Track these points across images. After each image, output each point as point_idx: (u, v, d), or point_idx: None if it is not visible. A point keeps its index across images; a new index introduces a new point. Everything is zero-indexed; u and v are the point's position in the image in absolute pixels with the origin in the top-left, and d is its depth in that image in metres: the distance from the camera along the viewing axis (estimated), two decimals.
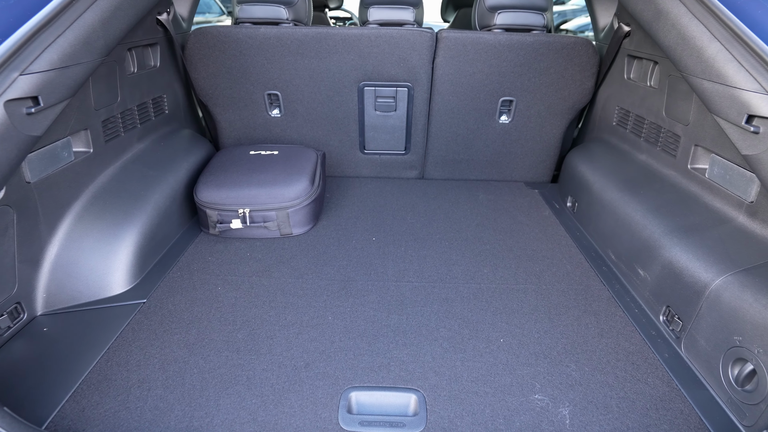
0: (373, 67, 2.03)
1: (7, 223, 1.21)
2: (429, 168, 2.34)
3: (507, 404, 1.11)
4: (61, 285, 1.39)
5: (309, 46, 1.97)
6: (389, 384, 1.16)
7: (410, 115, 2.17)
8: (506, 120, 2.18)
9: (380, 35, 1.96)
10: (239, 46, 1.96)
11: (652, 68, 1.73)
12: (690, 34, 1.22)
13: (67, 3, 1.10)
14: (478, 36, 1.96)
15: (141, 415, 1.06)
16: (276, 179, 1.78)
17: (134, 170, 1.70)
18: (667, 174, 1.62)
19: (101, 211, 1.51)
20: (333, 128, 2.20)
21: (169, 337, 1.29)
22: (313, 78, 2.05)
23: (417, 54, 1.99)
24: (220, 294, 1.47)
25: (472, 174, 2.34)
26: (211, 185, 1.76)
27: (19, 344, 1.25)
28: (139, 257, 1.54)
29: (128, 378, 1.16)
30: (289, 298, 1.46)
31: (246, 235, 1.78)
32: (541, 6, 2.01)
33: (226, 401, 1.10)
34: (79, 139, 1.49)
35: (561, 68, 2.01)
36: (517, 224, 1.92)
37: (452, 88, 2.08)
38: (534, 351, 1.27)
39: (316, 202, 1.86)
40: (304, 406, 1.09)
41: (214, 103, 2.13)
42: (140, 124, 1.80)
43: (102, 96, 1.54)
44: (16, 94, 0.99)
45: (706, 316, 1.18)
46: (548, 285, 1.54)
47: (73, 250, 1.42)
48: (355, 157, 2.31)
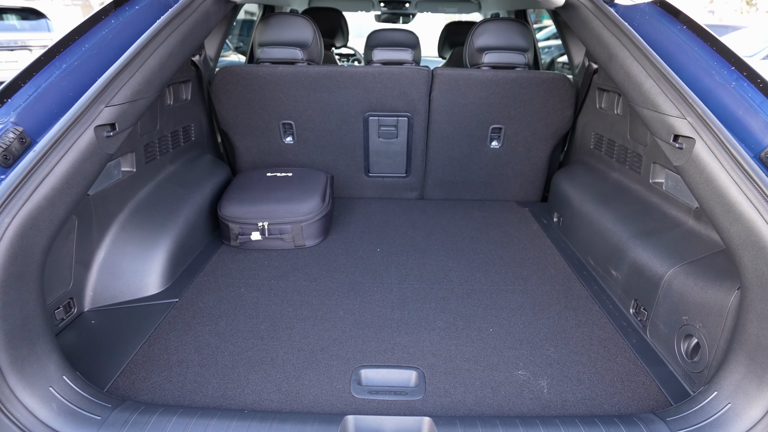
0: (377, 99, 2.29)
1: (70, 228, 1.43)
2: (428, 189, 2.57)
3: (494, 378, 1.29)
4: (106, 284, 1.59)
5: (320, 81, 2.24)
6: (393, 363, 1.35)
7: (410, 142, 2.42)
8: (497, 145, 2.42)
9: (383, 72, 2.23)
10: (259, 82, 2.23)
11: (617, 99, 1.98)
12: (632, 72, 1.47)
13: (137, 52, 1.37)
14: (469, 72, 2.23)
15: (183, 386, 1.25)
16: (291, 196, 2.01)
17: (167, 188, 1.93)
18: (634, 188, 1.85)
19: (141, 222, 1.72)
20: (340, 154, 2.45)
21: (201, 327, 1.48)
22: (323, 109, 2.31)
23: (415, 88, 2.26)
24: (243, 294, 1.67)
25: (468, 194, 2.56)
26: (233, 202, 1.99)
27: (71, 334, 1.44)
28: (171, 263, 1.74)
29: (168, 359, 1.34)
30: (305, 297, 1.65)
31: (264, 246, 1.99)
32: (523, 47, 2.29)
33: (254, 376, 1.28)
34: (126, 161, 1.72)
35: (542, 99, 2.27)
36: (507, 237, 2.13)
37: (447, 118, 2.33)
38: (519, 338, 1.46)
39: (327, 217, 2.07)
40: (320, 380, 1.28)
41: (234, 131, 2.38)
42: (172, 149, 2.05)
43: (146, 124, 1.79)
44: (102, 121, 1.23)
45: (662, 303, 1.38)
46: (534, 286, 1.74)
47: (117, 254, 1.62)
48: (361, 180, 2.54)
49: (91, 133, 1.20)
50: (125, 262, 1.63)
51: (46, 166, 1.07)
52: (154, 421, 1.05)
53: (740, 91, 1.17)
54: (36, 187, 1.05)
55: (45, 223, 1.07)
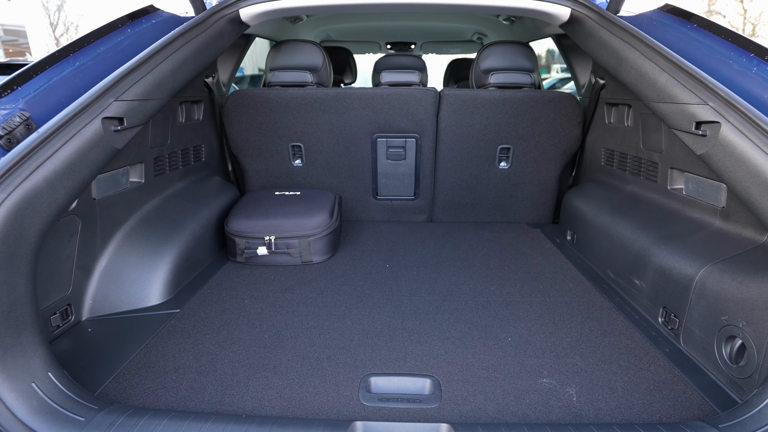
0: (385, 120, 2.28)
1: (73, 230, 1.37)
2: (437, 212, 2.51)
3: (517, 386, 1.16)
4: (106, 293, 1.51)
5: (329, 103, 2.24)
6: (406, 371, 1.23)
7: (418, 163, 2.38)
8: (505, 166, 2.38)
9: (391, 94, 2.23)
10: (269, 104, 2.24)
11: (627, 111, 1.95)
12: (645, 70, 1.46)
13: (151, 54, 1.38)
14: (475, 93, 2.23)
15: (177, 392, 1.13)
16: (299, 211, 1.95)
17: (175, 202, 1.88)
18: (652, 197, 1.77)
19: (146, 232, 1.66)
20: (349, 176, 2.41)
21: (201, 336, 1.38)
22: (332, 131, 2.30)
23: (423, 109, 2.25)
24: (247, 306, 1.57)
25: (477, 217, 2.49)
26: (240, 217, 1.93)
27: (65, 341, 1.34)
28: (175, 274, 1.66)
29: (164, 365, 1.24)
30: (311, 308, 1.55)
31: (270, 262, 1.91)
32: (528, 68, 2.30)
33: (255, 383, 1.17)
34: (135, 171, 1.69)
35: (550, 119, 2.25)
36: (520, 254, 2.04)
37: (455, 138, 2.31)
38: (540, 347, 1.34)
39: (335, 233, 2.00)
40: (327, 387, 1.16)
41: (243, 154, 2.37)
42: (182, 166, 2.02)
43: (157, 137, 1.77)
44: (110, 114, 1.21)
45: (696, 306, 1.26)
46: (552, 298, 1.63)
47: (120, 263, 1.55)
48: (369, 203, 2.49)
49: (98, 123, 1.17)
50: (128, 270, 1.56)
51: (48, 148, 1.03)
52: (143, 424, 0.94)
53: (763, 75, 1.13)
54: (36, 167, 1.00)
55: (42, 206, 1.01)
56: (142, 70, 1.34)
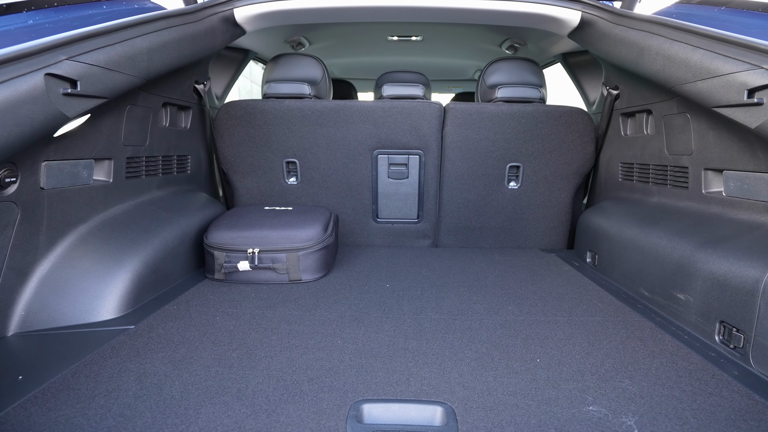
0: (387, 135, 2.08)
1: (9, 221, 1.11)
2: (442, 236, 2.24)
3: (556, 415, 0.85)
4: (45, 303, 1.22)
5: (328, 116, 2.05)
6: (410, 397, 0.91)
7: (422, 182, 2.15)
8: (515, 186, 2.15)
9: (393, 106, 2.05)
10: (264, 117, 2.05)
11: (646, 118, 1.75)
12: (674, 53, 1.32)
13: (124, 26, 1.19)
14: (482, 106, 2.05)
15: (100, 421, 0.82)
16: (289, 223, 1.70)
17: (148, 210, 1.63)
18: (684, 206, 1.52)
19: (107, 237, 1.40)
20: (347, 195, 2.18)
21: (152, 354, 1.08)
22: (330, 146, 2.10)
23: (427, 123, 2.06)
24: (217, 323, 1.27)
25: (486, 242, 2.22)
26: (221, 228, 1.67)
27: None
28: (137, 287, 1.38)
29: (95, 388, 0.93)
30: (294, 326, 1.25)
31: (253, 278, 1.62)
32: (536, 83, 2.13)
33: (208, 410, 0.86)
34: (101, 167, 1.46)
35: (561, 134, 2.05)
36: (537, 276, 1.75)
37: (461, 155, 2.10)
38: (578, 369, 1.03)
39: (328, 250, 1.73)
40: (303, 415, 0.84)
41: (234, 170, 2.15)
42: (162, 174, 1.79)
43: (132, 135, 1.55)
44: (58, 71, 1.00)
45: (767, 316, 0.97)
46: (580, 318, 1.33)
47: (67, 268, 1.28)
48: (368, 226, 2.23)
49: (39, 77, 0.95)
50: (76, 278, 1.27)
51: None
52: None
53: None
54: None
55: None
56: (109, 37, 1.15)
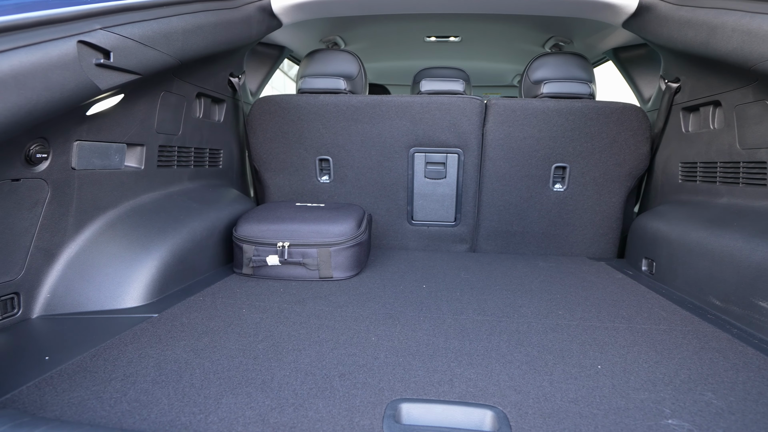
0: (424, 132, 2.00)
1: (39, 199, 1.09)
2: (481, 241, 2.12)
3: (629, 427, 0.72)
4: (70, 287, 1.18)
5: (363, 111, 1.99)
6: (454, 399, 0.81)
7: (460, 183, 2.05)
8: (560, 188, 2.01)
9: (432, 102, 1.97)
10: (298, 112, 2.02)
11: (713, 111, 1.59)
12: (755, 27, 1.20)
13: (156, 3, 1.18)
14: (527, 102, 1.94)
15: (114, 405, 0.75)
16: (321, 218, 1.62)
17: (178, 200, 1.60)
18: (760, 206, 1.35)
19: (135, 224, 1.36)
20: (381, 195, 2.10)
21: (174, 342, 1.01)
22: (364, 143, 2.03)
23: (467, 119, 1.97)
24: (243, 315, 1.20)
25: (528, 248, 2.09)
26: (251, 221, 1.61)
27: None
28: (163, 276, 1.33)
29: (112, 372, 0.86)
30: (325, 321, 1.17)
31: (282, 274, 1.55)
32: (585, 77, 2.01)
33: (229, 400, 0.77)
34: (133, 153, 1.43)
35: (613, 133, 1.91)
36: (587, 282, 1.60)
37: (503, 154, 1.99)
38: (648, 378, 0.89)
39: (361, 248, 1.65)
40: (334, 412, 0.75)
41: (266, 167, 2.11)
42: (193, 166, 1.77)
43: (165, 123, 1.53)
44: (91, 40, 0.98)
45: None
46: (642, 326, 1.18)
47: (94, 253, 1.24)
48: (402, 228, 2.14)
49: (72, 44, 0.92)
50: (103, 262, 1.24)
51: None
52: None
53: None
54: None
55: None
56: (145, 12, 1.12)
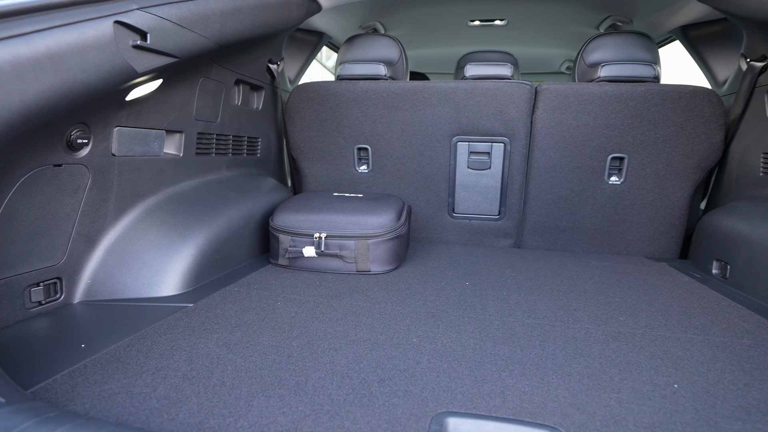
0: (468, 119, 1.89)
1: (80, 185, 1.08)
2: (526, 236, 2.00)
3: None
4: (109, 273, 1.16)
5: (404, 98, 1.90)
6: (508, 415, 0.72)
7: (506, 174, 1.93)
8: (617, 180, 1.86)
9: (477, 87, 1.86)
10: (337, 99, 1.95)
11: None
12: None
13: None
14: (582, 87, 1.79)
15: (143, 401, 0.71)
16: (359, 208, 1.56)
17: (215, 188, 1.57)
18: None
19: (173, 212, 1.34)
20: (421, 186, 2.01)
21: (207, 335, 0.97)
22: (405, 131, 1.94)
23: (515, 106, 1.84)
24: (278, 308, 1.15)
25: (578, 245, 1.95)
26: (288, 210, 1.57)
27: (38, 324, 0.99)
28: (199, 265, 1.30)
29: (144, 364, 0.83)
30: (362, 318, 1.10)
31: (318, 266, 1.50)
32: (648, 59, 1.83)
33: (261, 403, 0.72)
34: (172, 140, 1.41)
35: (681, 120, 1.73)
36: (649, 285, 1.46)
37: (554, 143, 1.85)
38: (739, 405, 0.77)
39: (400, 240, 1.57)
40: (373, 423, 0.68)
41: (304, 156, 2.07)
42: (231, 154, 1.74)
43: (204, 109, 1.50)
44: (128, 20, 0.94)
45: None
46: (721, 338, 1.04)
47: (133, 240, 1.22)
48: (443, 221, 2.04)
49: (108, 25, 0.89)
50: (141, 250, 1.22)
51: (25, 24, 0.74)
52: None
53: None
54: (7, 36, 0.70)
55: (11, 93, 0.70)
56: None
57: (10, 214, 0.94)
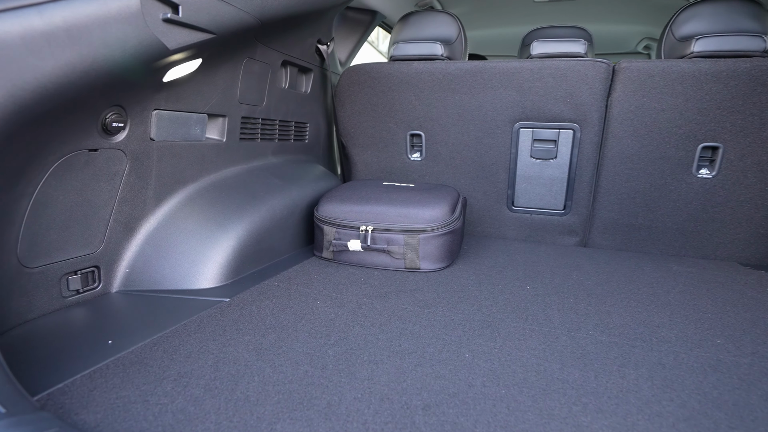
0: (533, 103, 1.69)
1: (117, 171, 1.03)
2: (595, 234, 1.78)
3: None
4: (147, 263, 1.12)
5: (462, 80, 1.74)
6: None
7: (574, 164, 1.72)
8: (707, 174, 1.59)
9: (544, 67, 1.65)
10: (389, 81, 1.82)
11: None
12: None
13: None
14: (670, 64, 1.54)
15: (158, 415, 0.63)
16: (410, 199, 1.43)
17: (260, 175, 1.50)
18: None
19: (213, 199, 1.28)
20: (478, 176, 1.84)
21: (239, 336, 0.89)
22: (462, 117, 1.78)
23: (588, 88, 1.62)
24: (318, 308, 1.06)
25: (656, 246, 1.70)
26: (333, 200, 1.47)
27: (76, 313, 0.96)
28: (239, 256, 1.24)
29: (167, 368, 0.76)
30: (408, 325, 0.98)
31: (364, 261, 1.40)
32: (756, 29, 1.54)
33: (285, 427, 0.62)
34: (215, 125, 1.35)
35: None
36: (749, 299, 1.22)
37: (632, 130, 1.61)
38: None
39: (454, 236, 1.43)
40: None
41: (353, 142, 1.96)
42: (278, 140, 1.66)
43: (249, 92, 1.43)
44: None
45: None
46: None
47: (172, 228, 1.17)
48: (501, 214, 1.87)
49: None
50: (180, 240, 1.17)
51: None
52: None
53: None
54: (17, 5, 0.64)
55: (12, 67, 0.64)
56: None
57: (43, 200, 0.90)
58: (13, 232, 0.85)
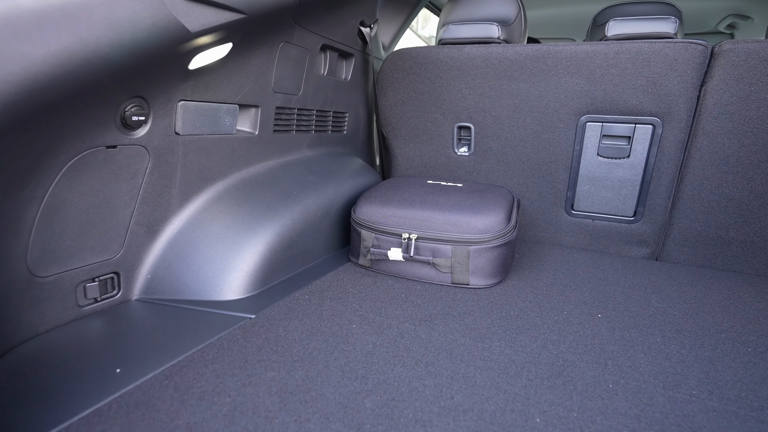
0: (605, 93, 1.45)
1: (138, 169, 0.91)
2: (670, 246, 1.53)
3: None
4: (170, 269, 1.00)
5: (521, 66, 1.51)
6: None
7: (651, 165, 1.47)
8: None
9: (622, 50, 1.40)
10: (437, 68, 1.62)
11: None
12: None
13: None
14: None
15: None
16: (460, 204, 1.24)
17: (294, 171, 1.35)
18: None
19: (243, 199, 1.15)
20: (533, 175, 1.63)
21: (262, 372, 0.75)
22: (518, 108, 1.56)
23: (677, 75, 1.36)
24: (353, 334, 0.91)
25: (751, 264, 1.44)
26: (373, 201, 1.30)
27: (87, 325, 0.85)
28: (268, 264, 1.10)
29: (176, 414, 0.63)
30: (460, 366, 0.81)
31: (405, 272, 1.23)
32: None
33: None
34: (246, 116, 1.21)
35: None
36: None
37: (731, 126, 1.35)
38: None
39: (509, 248, 1.23)
40: None
41: (395, 134, 1.78)
42: (315, 131, 1.51)
43: (284, 80, 1.27)
44: None
45: None
46: None
47: (197, 231, 1.05)
48: (558, 219, 1.65)
49: None
50: (205, 244, 1.04)
51: None
52: None
53: None
54: None
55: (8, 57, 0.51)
56: None
57: (56, 204, 0.79)
58: (21, 240, 0.75)
